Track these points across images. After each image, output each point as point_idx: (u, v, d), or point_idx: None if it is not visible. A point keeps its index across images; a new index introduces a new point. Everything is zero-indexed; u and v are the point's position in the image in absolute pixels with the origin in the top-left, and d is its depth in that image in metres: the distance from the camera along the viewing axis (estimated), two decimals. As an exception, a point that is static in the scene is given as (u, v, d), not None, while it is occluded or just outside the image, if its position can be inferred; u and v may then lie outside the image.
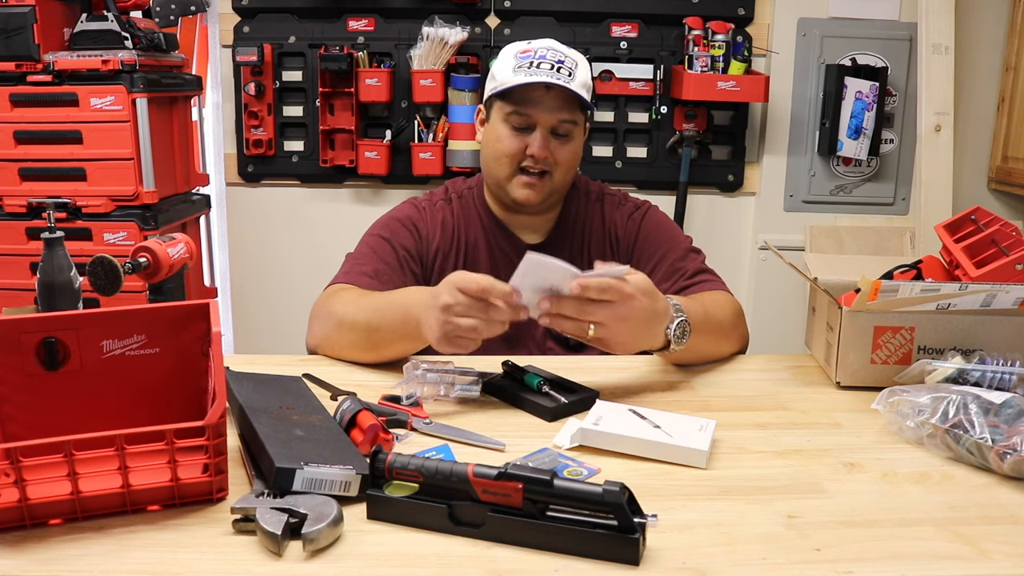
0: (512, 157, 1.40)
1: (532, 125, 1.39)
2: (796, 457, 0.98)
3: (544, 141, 1.38)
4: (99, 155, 2.38)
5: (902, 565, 0.75)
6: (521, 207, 1.44)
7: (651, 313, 1.12)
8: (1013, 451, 0.90)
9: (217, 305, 0.95)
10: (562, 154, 1.40)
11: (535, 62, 1.36)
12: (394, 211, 1.51)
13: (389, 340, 1.23)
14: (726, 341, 1.33)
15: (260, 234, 2.90)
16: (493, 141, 1.42)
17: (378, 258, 1.40)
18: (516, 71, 1.37)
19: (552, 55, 1.38)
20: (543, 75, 1.35)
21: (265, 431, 0.89)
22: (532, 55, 1.38)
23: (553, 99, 1.37)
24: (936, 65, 2.62)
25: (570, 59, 1.39)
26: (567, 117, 1.39)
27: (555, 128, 1.39)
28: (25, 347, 0.91)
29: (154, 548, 0.77)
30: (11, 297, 2.41)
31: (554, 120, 1.38)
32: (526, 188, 1.41)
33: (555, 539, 0.76)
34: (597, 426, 0.99)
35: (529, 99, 1.37)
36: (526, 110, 1.38)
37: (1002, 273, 1.20)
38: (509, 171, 1.41)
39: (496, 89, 1.40)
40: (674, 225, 1.56)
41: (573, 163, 1.44)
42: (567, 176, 1.44)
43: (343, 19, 2.73)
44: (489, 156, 1.44)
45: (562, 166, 1.41)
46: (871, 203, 2.81)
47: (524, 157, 1.39)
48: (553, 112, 1.38)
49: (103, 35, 2.37)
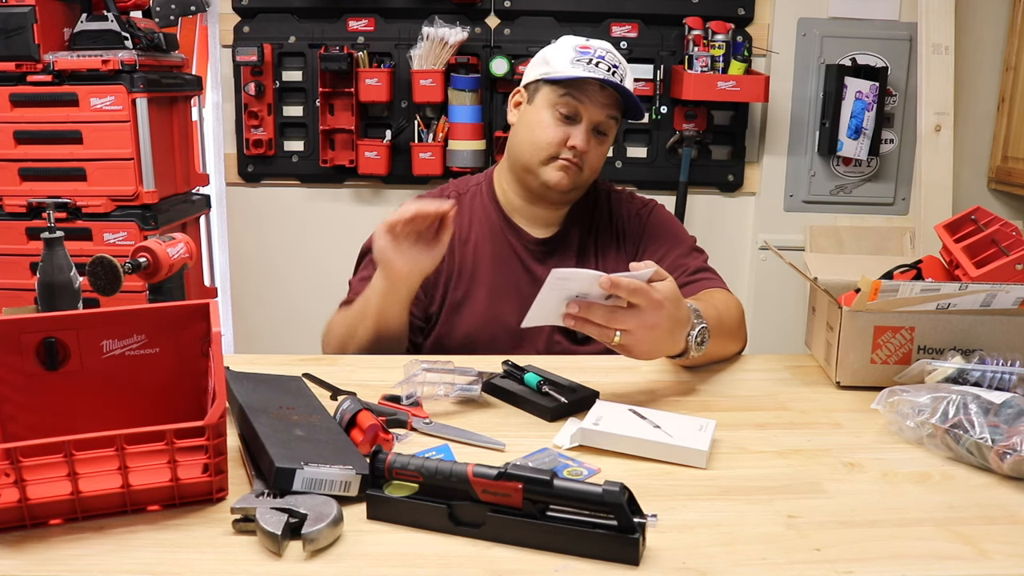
0: (552, 145, 1.41)
1: (578, 117, 1.41)
2: (796, 457, 0.98)
3: (587, 135, 1.41)
4: (99, 155, 2.38)
5: (902, 565, 0.75)
6: (549, 192, 1.44)
7: (675, 321, 1.11)
8: (1013, 451, 0.90)
9: (217, 305, 0.95)
10: (596, 152, 1.43)
11: (594, 60, 1.39)
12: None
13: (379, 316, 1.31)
14: (734, 343, 1.34)
15: (260, 234, 2.90)
16: (534, 125, 1.43)
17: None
18: (574, 64, 1.39)
19: (611, 58, 1.41)
20: (601, 73, 1.38)
21: (265, 431, 0.89)
22: (592, 52, 1.40)
23: (605, 97, 1.40)
24: (936, 65, 2.62)
25: (623, 66, 1.43)
26: (614, 114, 1.42)
27: (599, 125, 1.42)
28: (25, 347, 0.91)
29: (154, 548, 0.77)
30: (11, 297, 2.42)
31: (602, 116, 1.41)
32: (560, 171, 1.42)
33: (555, 539, 0.76)
34: (597, 426, 0.99)
35: (583, 92, 1.40)
36: (578, 102, 1.40)
37: (1002, 273, 1.20)
38: (545, 156, 1.42)
39: (551, 75, 1.41)
40: (679, 224, 1.58)
41: (601, 163, 1.47)
42: (594, 174, 1.47)
43: (343, 19, 2.73)
44: (526, 139, 1.44)
45: (592, 164, 1.44)
46: (871, 203, 2.81)
47: (564, 148, 1.41)
48: (602, 109, 1.40)
49: (103, 35, 2.37)
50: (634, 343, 1.08)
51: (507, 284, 1.47)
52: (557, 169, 1.41)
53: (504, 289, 1.46)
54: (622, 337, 1.07)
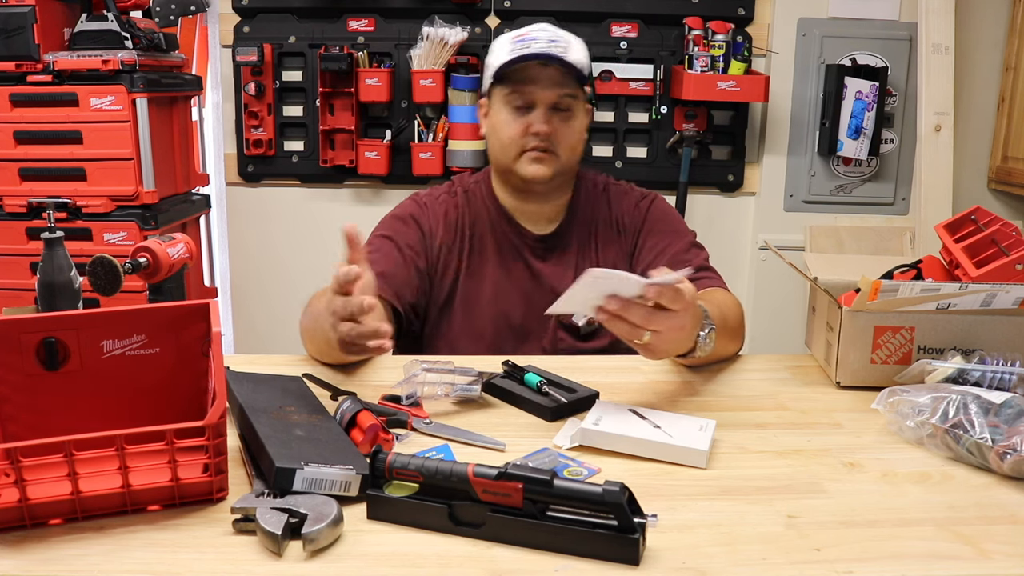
0: (516, 138, 1.40)
1: (532, 103, 1.39)
2: (796, 457, 0.98)
3: (546, 116, 1.39)
4: (99, 155, 2.38)
5: (902, 565, 0.75)
6: (532, 185, 1.43)
7: (696, 321, 1.12)
8: (1013, 451, 0.90)
9: (217, 305, 0.95)
10: (565, 131, 1.41)
11: (528, 43, 1.37)
12: (396, 209, 1.52)
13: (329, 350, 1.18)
14: (734, 343, 1.34)
15: (260, 234, 2.90)
16: (497, 128, 1.43)
17: (382, 255, 1.40)
18: (512, 54, 1.37)
19: (544, 35, 1.38)
20: (537, 50, 1.35)
21: (265, 431, 0.89)
22: (526, 37, 1.39)
23: (551, 75, 1.38)
24: (936, 65, 2.62)
25: (563, 39, 1.39)
26: (567, 91, 1.39)
27: (556, 104, 1.39)
28: (25, 347, 0.91)
29: (154, 548, 0.77)
30: (11, 297, 2.41)
31: (553, 95, 1.38)
32: (535, 163, 1.40)
33: (555, 539, 0.76)
34: (597, 426, 0.99)
35: (526, 77, 1.38)
36: (524, 88, 1.38)
37: (1002, 273, 1.20)
38: (516, 152, 1.41)
39: (495, 72, 1.40)
40: (679, 216, 1.57)
41: (577, 142, 1.44)
42: (573, 155, 1.44)
43: (343, 19, 2.73)
44: (495, 144, 1.45)
45: (566, 143, 1.41)
46: (871, 203, 2.81)
47: (528, 137, 1.39)
48: (551, 87, 1.38)
49: (103, 35, 2.37)
50: (659, 343, 1.07)
51: (510, 280, 1.47)
52: (531, 162, 1.40)
53: (507, 285, 1.47)
54: (652, 338, 1.05)
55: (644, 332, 1.04)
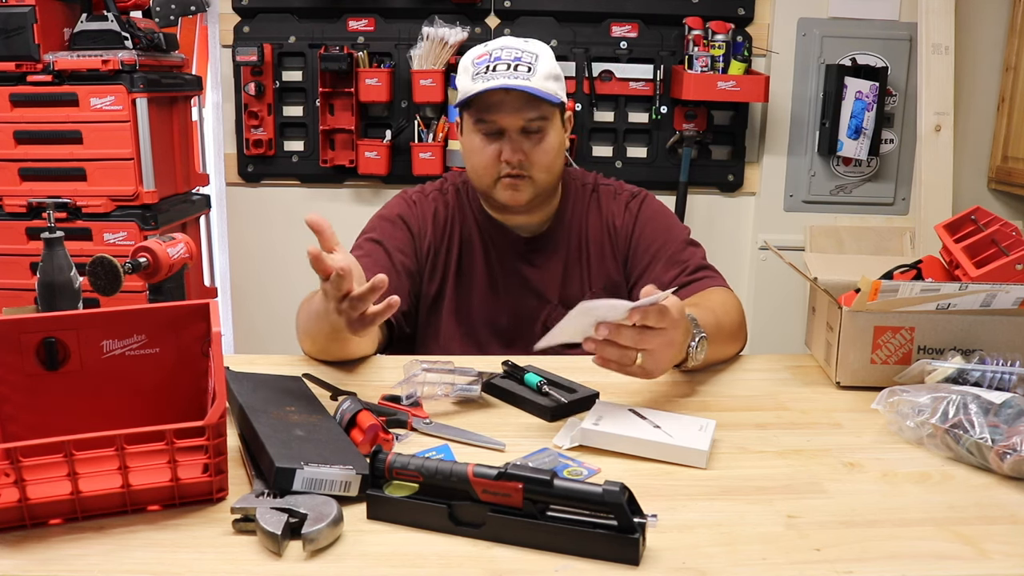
0: (488, 167, 1.38)
1: (500, 130, 1.37)
2: (796, 457, 0.98)
3: (515, 144, 1.36)
4: (99, 155, 2.38)
5: (902, 565, 0.75)
6: (509, 208, 1.43)
7: (686, 334, 1.12)
8: (1013, 451, 0.90)
9: (217, 305, 0.95)
10: (537, 154, 1.37)
11: (491, 65, 1.34)
12: (384, 208, 1.50)
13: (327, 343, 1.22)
14: (734, 344, 1.33)
15: (260, 234, 2.90)
16: (469, 153, 1.41)
17: (373, 262, 1.39)
18: (475, 79, 1.35)
19: (507, 54, 1.35)
20: (500, 78, 1.32)
21: (265, 431, 0.89)
22: (488, 59, 1.35)
23: (514, 100, 1.34)
24: (936, 65, 2.62)
25: (528, 53, 1.35)
26: (534, 115, 1.36)
27: (524, 128, 1.37)
28: (25, 347, 0.91)
29: (154, 548, 0.77)
30: (11, 297, 2.42)
31: (520, 121, 1.36)
32: (509, 190, 1.39)
33: (555, 539, 0.76)
34: (597, 426, 0.99)
35: (490, 104, 1.35)
36: (490, 117, 1.36)
37: (1002, 273, 1.20)
38: (490, 179, 1.40)
39: (459, 100, 1.38)
40: (671, 214, 1.55)
41: (552, 159, 1.40)
42: (549, 175, 1.41)
43: (343, 19, 2.73)
44: (469, 167, 1.44)
45: (539, 165, 1.38)
46: (871, 203, 2.81)
47: (500, 164, 1.37)
48: (516, 113, 1.35)
49: (103, 35, 2.37)
50: (651, 363, 1.06)
51: (498, 283, 1.46)
52: (506, 189, 1.39)
53: (495, 288, 1.46)
54: (644, 358, 1.05)
55: (635, 354, 1.04)
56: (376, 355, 1.33)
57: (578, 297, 1.43)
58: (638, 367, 1.06)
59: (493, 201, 1.44)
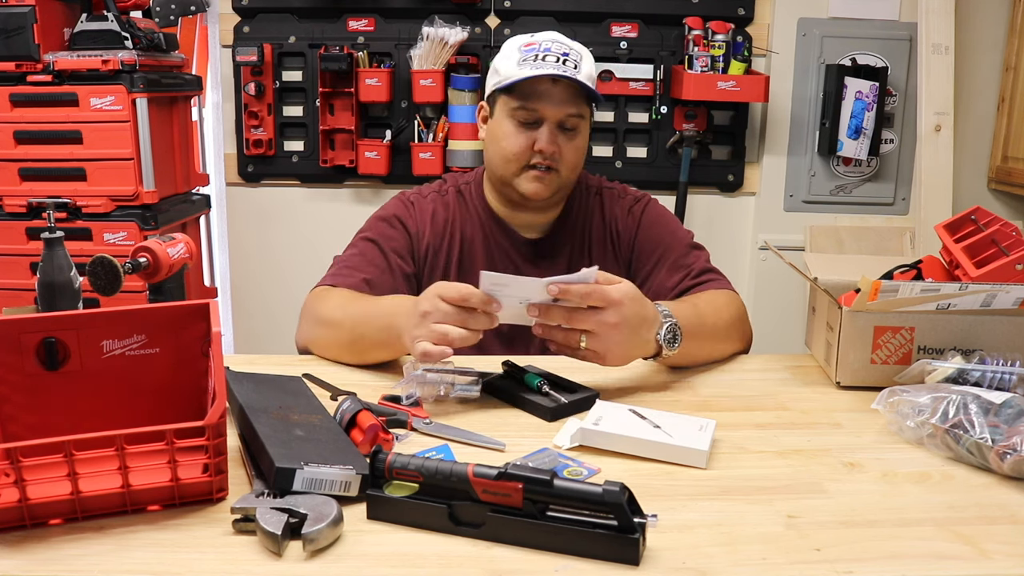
0: (520, 155, 1.37)
1: (539, 120, 1.36)
2: (796, 457, 0.98)
3: (552, 136, 1.36)
4: (99, 155, 2.38)
5: (902, 565, 0.75)
6: (529, 201, 1.41)
7: (641, 319, 1.11)
8: (1013, 451, 0.90)
9: (217, 305, 0.95)
10: (569, 150, 1.38)
11: (540, 55, 1.34)
12: (382, 209, 1.50)
13: (371, 346, 1.23)
14: (725, 343, 1.32)
15: (260, 234, 2.90)
16: (499, 139, 1.40)
17: (367, 262, 1.39)
18: (521, 64, 1.34)
19: (557, 47, 1.35)
20: (549, 68, 1.32)
21: (265, 431, 0.89)
22: (537, 48, 1.35)
23: (560, 92, 1.35)
24: (936, 65, 2.62)
25: (575, 51, 1.37)
26: (574, 111, 1.37)
27: (562, 123, 1.37)
28: (25, 347, 0.91)
29: (154, 548, 0.77)
30: (11, 297, 2.41)
31: (562, 114, 1.36)
32: (535, 182, 1.38)
33: (555, 539, 0.76)
34: (597, 426, 0.99)
35: (535, 93, 1.35)
36: (533, 104, 1.35)
37: (1002, 273, 1.20)
38: (517, 167, 1.39)
39: (501, 84, 1.37)
40: (674, 218, 1.55)
41: (579, 159, 1.42)
42: (574, 173, 1.42)
43: (343, 19, 2.73)
44: (495, 154, 1.42)
45: (568, 162, 1.39)
46: (871, 203, 2.81)
47: (532, 154, 1.37)
48: (561, 106, 1.35)
49: (103, 35, 2.37)
50: (601, 346, 1.08)
51: None
52: (531, 180, 1.38)
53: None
54: (588, 341, 1.07)
55: (577, 336, 1.06)
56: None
57: None
58: (589, 351, 1.08)
59: (512, 192, 1.42)
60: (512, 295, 1.07)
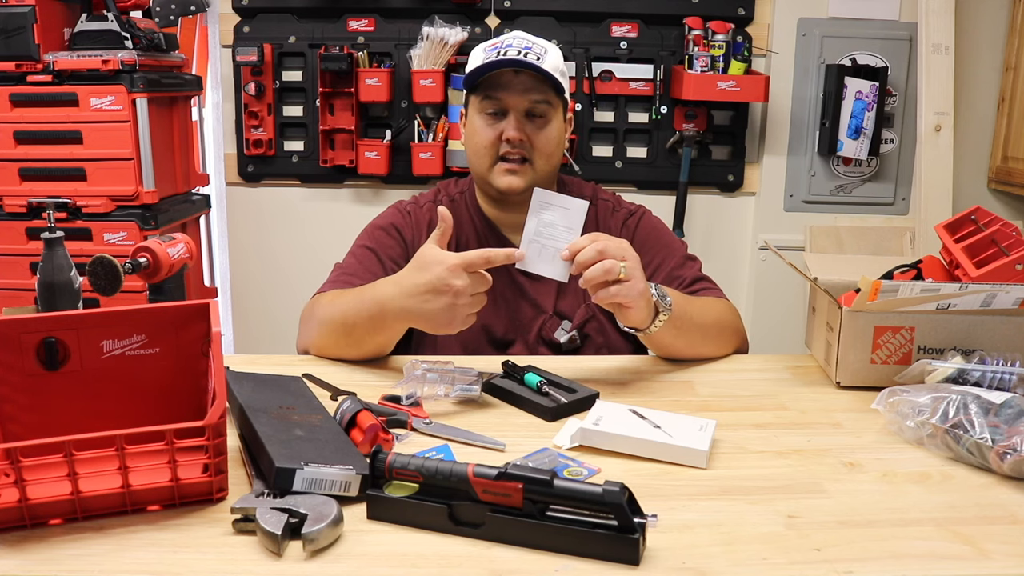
0: (489, 146, 1.38)
1: (505, 110, 1.38)
2: (796, 457, 0.98)
3: (519, 124, 1.37)
4: (99, 155, 2.38)
5: (902, 565, 0.75)
6: (506, 196, 1.42)
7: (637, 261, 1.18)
8: (1013, 451, 0.90)
9: (217, 305, 0.95)
10: (539, 138, 1.38)
11: (502, 51, 1.36)
12: (379, 218, 1.50)
13: (364, 335, 1.24)
14: (711, 342, 1.33)
15: (260, 234, 2.90)
16: (471, 135, 1.42)
17: (364, 269, 1.39)
18: (484, 61, 1.37)
19: (519, 43, 1.37)
20: (510, 57, 1.34)
21: (265, 431, 0.89)
22: (500, 45, 1.38)
23: (524, 81, 1.36)
24: (936, 65, 2.62)
25: (538, 46, 1.38)
26: (539, 97, 1.37)
27: (529, 110, 1.38)
28: (25, 347, 0.91)
29: (154, 548, 0.77)
30: (11, 297, 2.42)
31: (526, 102, 1.37)
32: (508, 175, 1.39)
33: (555, 539, 0.76)
34: (597, 426, 0.99)
35: (498, 83, 1.37)
36: (497, 94, 1.37)
37: (1002, 273, 1.20)
38: (489, 161, 1.40)
39: (466, 76, 1.39)
40: (668, 231, 1.55)
41: (554, 149, 1.41)
42: (549, 163, 1.42)
43: (343, 19, 2.73)
44: (470, 150, 1.44)
45: (541, 151, 1.39)
46: (871, 203, 2.81)
47: (501, 144, 1.38)
48: (525, 94, 1.36)
49: (103, 35, 2.37)
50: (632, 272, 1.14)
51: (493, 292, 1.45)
52: (504, 173, 1.39)
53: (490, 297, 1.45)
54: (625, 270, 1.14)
55: (619, 263, 1.14)
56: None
57: (573, 308, 1.43)
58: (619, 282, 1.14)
59: (490, 190, 1.43)
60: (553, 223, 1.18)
